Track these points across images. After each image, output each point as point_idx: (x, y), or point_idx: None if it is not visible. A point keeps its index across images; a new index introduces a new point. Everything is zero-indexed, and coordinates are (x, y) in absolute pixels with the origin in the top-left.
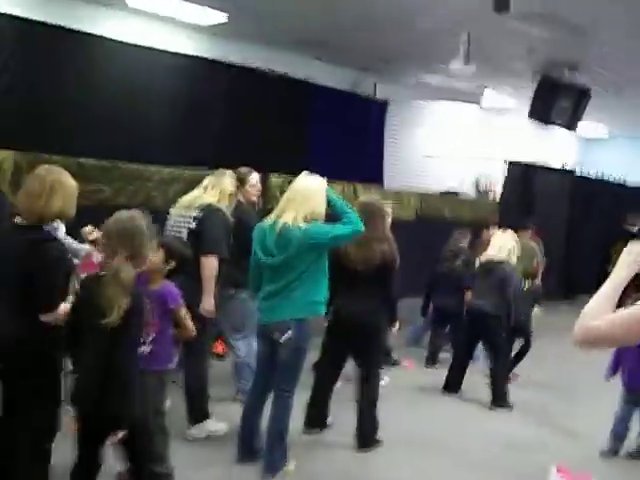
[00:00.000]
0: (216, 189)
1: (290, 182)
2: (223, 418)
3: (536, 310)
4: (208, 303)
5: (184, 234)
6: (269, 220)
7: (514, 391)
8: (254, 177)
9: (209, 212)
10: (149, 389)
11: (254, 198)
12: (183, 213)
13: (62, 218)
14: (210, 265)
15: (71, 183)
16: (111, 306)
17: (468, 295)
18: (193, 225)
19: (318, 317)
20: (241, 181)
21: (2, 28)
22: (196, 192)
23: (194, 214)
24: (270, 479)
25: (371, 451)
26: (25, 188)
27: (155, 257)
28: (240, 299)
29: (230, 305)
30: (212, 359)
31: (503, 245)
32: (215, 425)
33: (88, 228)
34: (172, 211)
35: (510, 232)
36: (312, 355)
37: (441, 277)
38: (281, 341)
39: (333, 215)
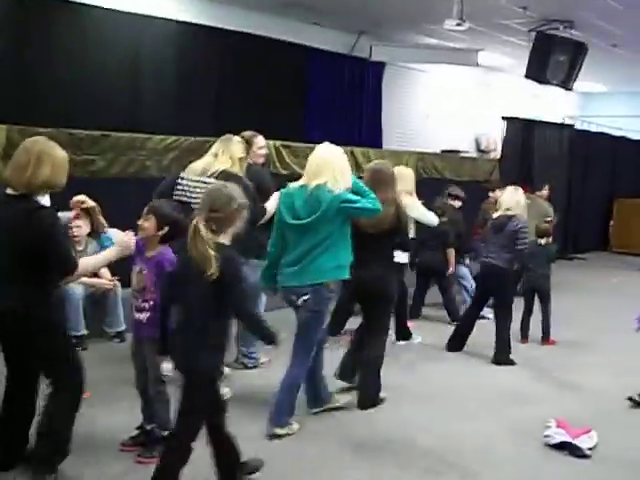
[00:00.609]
0: (226, 155)
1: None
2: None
3: None
4: None
5: (199, 200)
6: (297, 184)
7: (526, 348)
8: (260, 139)
9: (226, 179)
10: (148, 355)
11: (261, 159)
12: (197, 179)
13: (50, 188)
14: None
15: (59, 153)
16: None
17: (452, 253)
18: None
19: (339, 280)
20: (247, 144)
21: None
22: (207, 158)
23: (209, 181)
24: (275, 430)
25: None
26: (13, 160)
27: (146, 223)
28: (250, 266)
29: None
30: None
31: (514, 201)
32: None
33: (80, 197)
34: (183, 176)
35: (520, 190)
36: None
37: (427, 234)
38: (299, 304)
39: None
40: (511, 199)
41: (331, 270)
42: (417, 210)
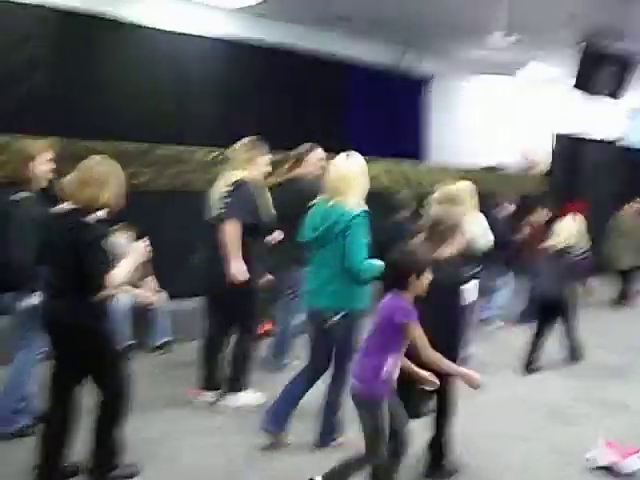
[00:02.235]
0: (234, 164)
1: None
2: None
3: None
4: (235, 267)
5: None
6: (320, 199)
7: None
8: (320, 151)
9: (236, 185)
10: None
11: (320, 171)
12: (219, 191)
13: (109, 207)
14: (230, 230)
15: (121, 174)
16: None
17: None
18: (228, 200)
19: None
20: (306, 155)
21: (40, 19)
22: (224, 172)
23: (225, 190)
24: (322, 447)
25: None
26: (76, 175)
27: None
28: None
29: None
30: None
31: (573, 231)
32: (249, 397)
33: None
34: (212, 195)
35: (578, 216)
36: None
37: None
38: (326, 327)
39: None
40: (572, 229)
41: (346, 298)
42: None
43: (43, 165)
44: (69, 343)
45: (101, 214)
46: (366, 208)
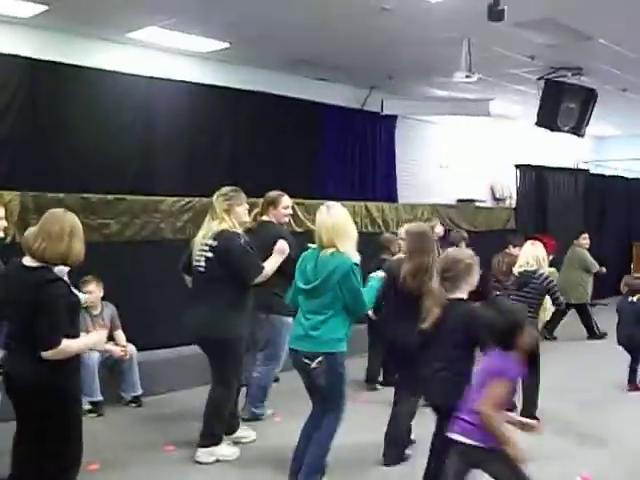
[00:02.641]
0: (216, 216)
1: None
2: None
3: None
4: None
5: (202, 263)
6: (312, 249)
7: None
8: (285, 199)
9: (225, 239)
10: None
11: (285, 219)
12: (201, 242)
13: (77, 261)
14: (263, 276)
15: (80, 226)
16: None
17: None
18: (210, 254)
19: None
20: (273, 203)
21: (5, 69)
22: (207, 222)
23: (209, 242)
24: None
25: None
26: (43, 230)
27: None
28: (271, 323)
29: (260, 328)
30: None
31: (533, 256)
32: (225, 450)
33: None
34: (194, 244)
35: (538, 243)
36: None
37: None
38: (313, 366)
39: None
40: (530, 254)
41: (328, 342)
42: None
43: None
44: (25, 401)
45: (63, 269)
46: (358, 257)
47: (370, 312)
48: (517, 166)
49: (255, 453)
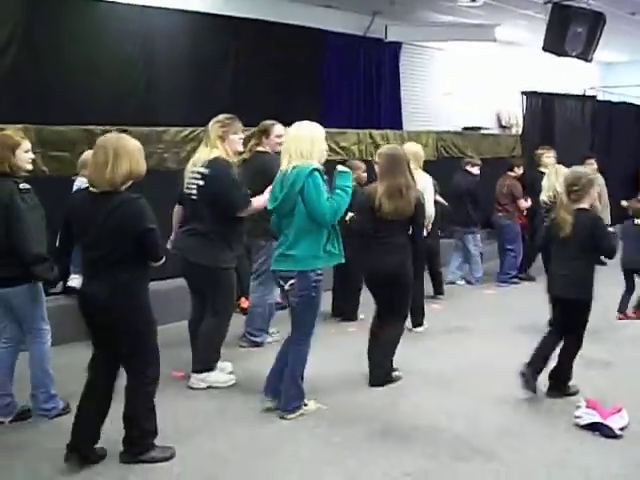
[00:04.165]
0: (210, 142)
1: None
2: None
3: None
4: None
5: (194, 191)
6: (281, 169)
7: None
8: (278, 127)
9: (215, 168)
10: None
11: (279, 147)
12: (192, 169)
13: (132, 179)
14: (251, 209)
15: (134, 144)
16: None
17: None
18: (201, 182)
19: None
20: (265, 132)
21: (2, 3)
22: (200, 149)
23: (201, 170)
24: (286, 415)
25: (389, 387)
26: (93, 160)
27: None
28: (270, 248)
29: (259, 254)
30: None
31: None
32: (219, 376)
33: None
34: (187, 168)
35: (560, 168)
36: None
37: None
38: (286, 287)
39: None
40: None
41: (306, 259)
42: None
43: (26, 153)
44: (108, 322)
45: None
46: (316, 165)
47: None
48: (523, 93)
49: (252, 379)
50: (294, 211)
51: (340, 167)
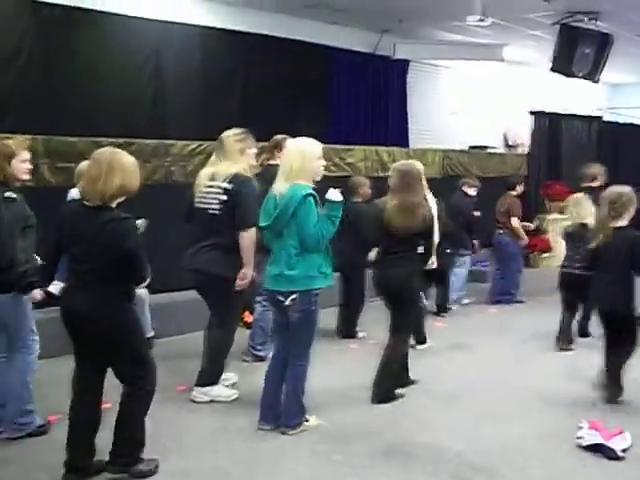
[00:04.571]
0: (228, 157)
1: None
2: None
3: None
4: (247, 272)
5: (215, 206)
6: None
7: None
8: (290, 141)
9: (239, 183)
10: None
11: None
12: (210, 184)
13: (123, 195)
14: (251, 236)
15: (128, 159)
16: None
17: None
18: (224, 197)
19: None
20: (277, 146)
21: (14, 12)
22: (214, 163)
23: (223, 185)
24: (288, 431)
25: (391, 404)
26: (87, 173)
27: None
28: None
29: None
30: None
31: (589, 211)
32: (221, 391)
33: None
34: (199, 182)
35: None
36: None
37: None
38: (287, 303)
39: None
40: (586, 209)
41: (302, 279)
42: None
43: (22, 163)
44: (98, 337)
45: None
46: (311, 190)
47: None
48: (531, 112)
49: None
50: (285, 232)
51: (332, 193)
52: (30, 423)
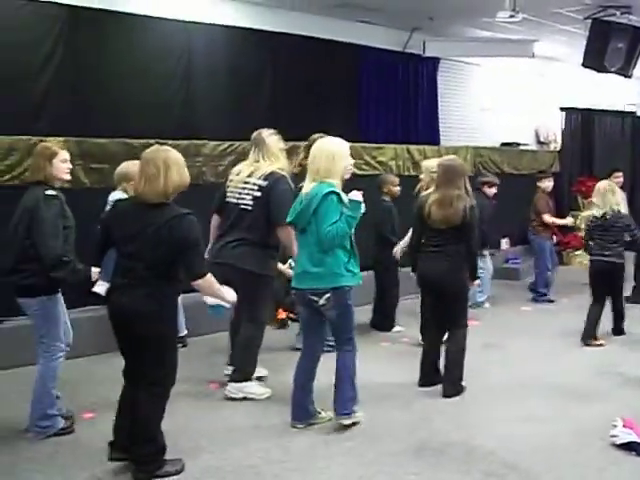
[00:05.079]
0: (267, 155)
1: None
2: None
3: None
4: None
5: (248, 202)
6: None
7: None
8: None
9: (274, 180)
10: None
11: None
12: (246, 180)
13: (180, 189)
14: (288, 232)
15: (179, 155)
16: None
17: None
18: (258, 193)
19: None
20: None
21: (45, 17)
22: (251, 161)
23: (258, 182)
24: (342, 420)
25: (455, 398)
26: (142, 173)
27: None
28: None
29: None
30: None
31: (620, 199)
32: (255, 388)
33: None
34: (232, 179)
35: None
36: None
37: None
38: (321, 302)
39: None
40: (617, 195)
41: (329, 276)
42: None
43: (63, 163)
44: (134, 330)
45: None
46: (336, 188)
47: None
48: (563, 109)
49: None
50: (308, 229)
51: (354, 194)
52: (50, 426)
